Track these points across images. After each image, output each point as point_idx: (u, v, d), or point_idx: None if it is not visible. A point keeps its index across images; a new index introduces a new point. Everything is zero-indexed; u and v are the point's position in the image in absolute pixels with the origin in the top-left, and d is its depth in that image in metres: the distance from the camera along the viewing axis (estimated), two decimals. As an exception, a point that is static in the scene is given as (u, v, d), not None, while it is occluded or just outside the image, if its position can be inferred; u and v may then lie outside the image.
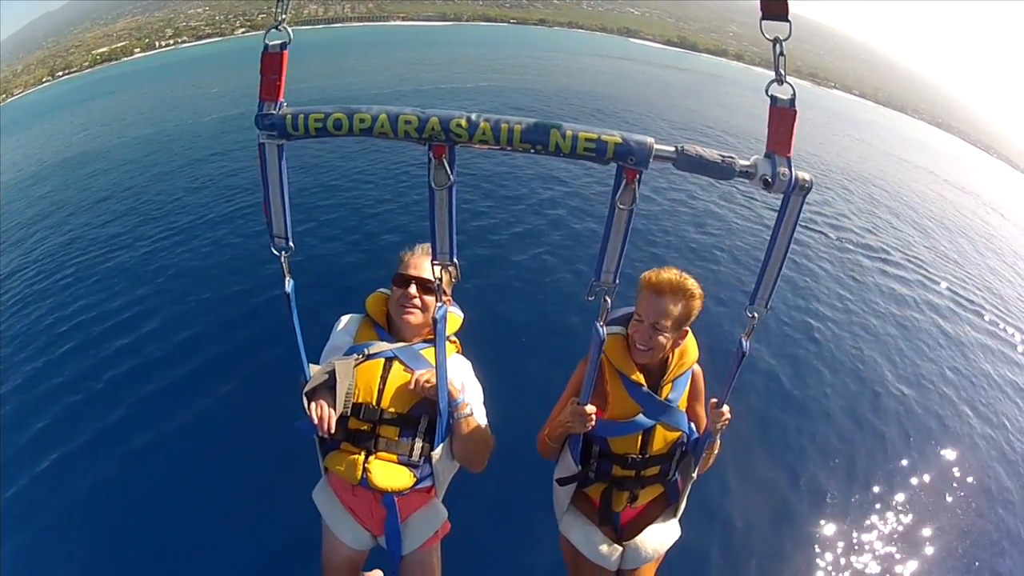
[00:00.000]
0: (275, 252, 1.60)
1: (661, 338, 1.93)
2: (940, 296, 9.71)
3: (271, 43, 1.37)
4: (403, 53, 41.18)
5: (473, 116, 1.30)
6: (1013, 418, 6.56)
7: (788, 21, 1.28)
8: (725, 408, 1.92)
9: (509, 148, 1.33)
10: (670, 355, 2.04)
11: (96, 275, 7.67)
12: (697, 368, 2.14)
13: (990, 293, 10.82)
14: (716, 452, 2.11)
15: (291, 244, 1.60)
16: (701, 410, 2.14)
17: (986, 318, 9.32)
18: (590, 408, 1.87)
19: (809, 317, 7.40)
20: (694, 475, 2.10)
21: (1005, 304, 10.51)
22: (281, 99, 1.39)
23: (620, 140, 1.30)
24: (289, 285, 1.69)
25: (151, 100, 28.46)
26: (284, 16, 1.35)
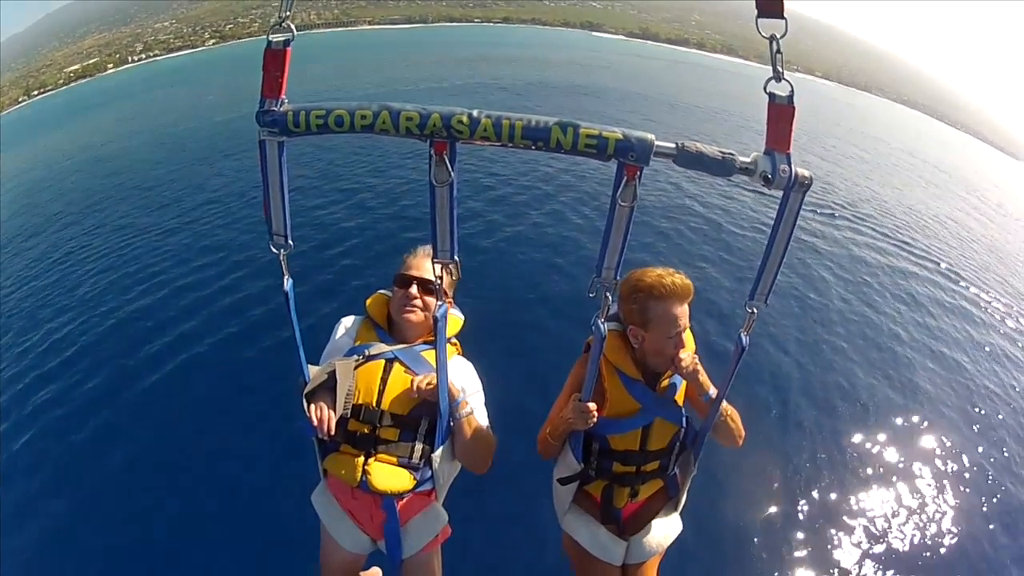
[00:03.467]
0: (274, 250, 1.59)
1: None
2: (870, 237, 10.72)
3: (274, 40, 1.36)
4: (377, 56, 41.39)
5: (474, 112, 1.31)
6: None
7: (784, 18, 1.29)
8: (684, 354, 1.92)
9: (510, 145, 1.33)
10: None
11: (91, 279, 7.65)
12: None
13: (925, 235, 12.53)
14: (735, 417, 2.05)
15: (290, 243, 1.59)
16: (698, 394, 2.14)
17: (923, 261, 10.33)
18: (592, 404, 1.87)
19: (801, 301, 7.51)
20: (694, 469, 2.10)
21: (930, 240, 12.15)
22: (283, 96, 1.39)
23: (621, 136, 1.31)
24: (288, 284, 1.68)
25: (151, 109, 28.49)
26: (288, 13, 1.35)
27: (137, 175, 13.47)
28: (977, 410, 6.21)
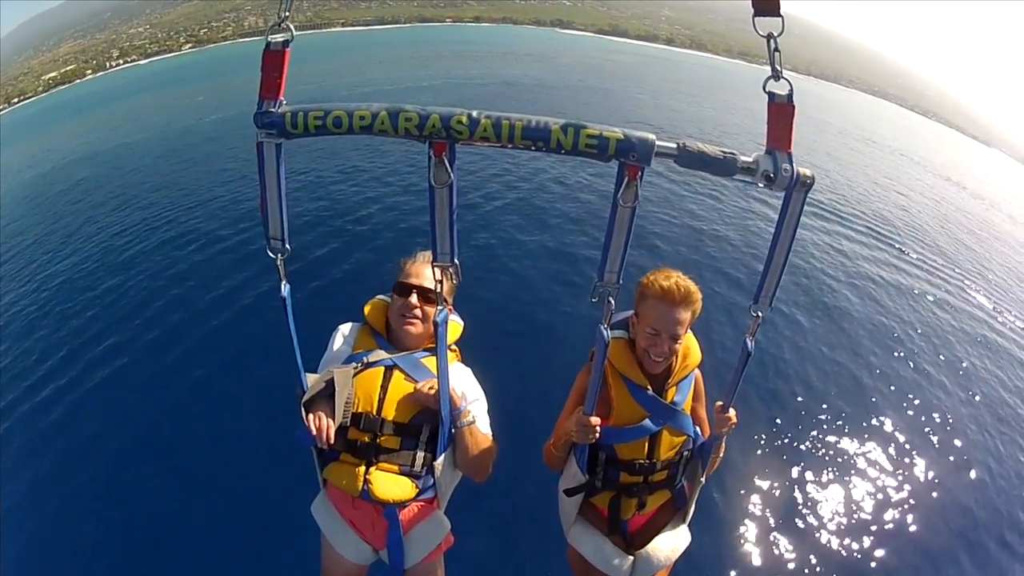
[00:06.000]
0: (271, 255, 1.57)
1: (677, 346, 1.92)
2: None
3: (273, 41, 1.36)
4: (355, 57, 41.79)
5: (474, 113, 1.30)
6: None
7: (780, 16, 1.29)
8: (731, 412, 1.89)
9: (510, 145, 1.32)
10: (674, 358, 2.01)
11: (90, 287, 7.60)
12: (697, 370, 2.10)
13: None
14: (722, 455, 2.06)
15: (288, 247, 1.56)
16: (703, 412, 2.12)
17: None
18: (595, 419, 1.82)
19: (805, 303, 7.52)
20: (702, 479, 2.06)
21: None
22: (281, 97, 1.38)
23: (622, 137, 1.30)
24: (285, 289, 1.66)
25: (141, 111, 28.70)
26: (287, 14, 1.35)
27: (138, 174, 13.47)
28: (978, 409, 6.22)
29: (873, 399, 5.91)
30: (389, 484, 1.89)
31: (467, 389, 2.05)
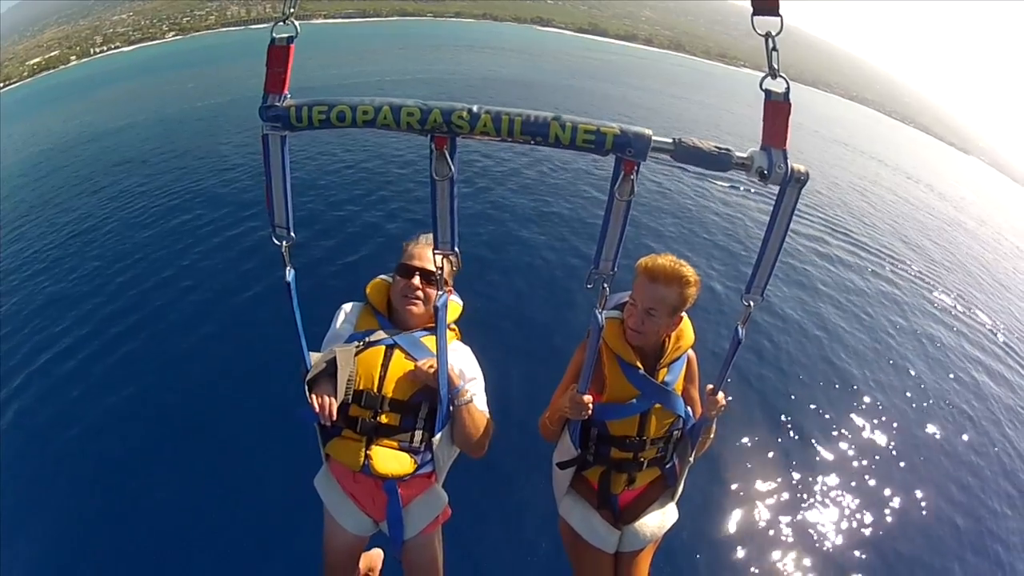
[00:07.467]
0: (276, 242, 1.62)
1: (653, 323, 1.96)
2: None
3: (278, 36, 1.39)
4: (337, 51, 40.71)
5: (474, 108, 1.33)
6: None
7: (779, 16, 1.30)
8: (720, 395, 1.95)
9: (510, 139, 1.35)
10: (666, 339, 2.08)
11: (99, 264, 7.63)
12: (691, 352, 2.17)
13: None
14: (712, 437, 2.14)
15: (292, 234, 1.61)
16: (696, 393, 2.18)
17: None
18: (587, 397, 1.89)
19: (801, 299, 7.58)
20: (691, 459, 2.13)
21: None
22: (286, 92, 1.41)
23: (618, 132, 1.33)
24: (290, 274, 1.71)
25: (133, 95, 28.12)
26: (292, 10, 1.36)
27: (139, 157, 13.30)
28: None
29: (857, 389, 6.03)
30: (389, 459, 1.96)
31: (465, 368, 2.10)
